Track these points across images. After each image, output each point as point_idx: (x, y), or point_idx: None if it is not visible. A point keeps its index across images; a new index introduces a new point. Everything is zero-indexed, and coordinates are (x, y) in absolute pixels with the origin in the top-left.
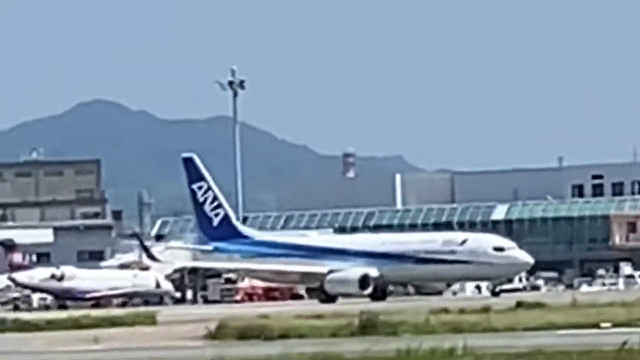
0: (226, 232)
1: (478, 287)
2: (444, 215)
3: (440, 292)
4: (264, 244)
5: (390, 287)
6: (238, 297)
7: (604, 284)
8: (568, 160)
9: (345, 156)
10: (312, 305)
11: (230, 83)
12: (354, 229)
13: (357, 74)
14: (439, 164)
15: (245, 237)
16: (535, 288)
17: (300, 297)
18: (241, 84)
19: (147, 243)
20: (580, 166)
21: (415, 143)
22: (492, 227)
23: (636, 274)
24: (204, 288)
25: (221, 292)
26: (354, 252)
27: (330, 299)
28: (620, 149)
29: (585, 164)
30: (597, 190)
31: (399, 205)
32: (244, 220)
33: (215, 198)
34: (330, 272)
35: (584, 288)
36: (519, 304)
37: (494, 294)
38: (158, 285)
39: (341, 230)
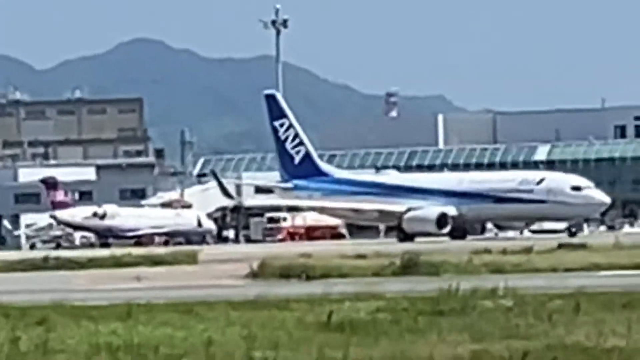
0: (307, 169)
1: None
2: (485, 156)
3: (521, 231)
4: (343, 182)
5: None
6: (280, 237)
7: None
8: (610, 101)
9: (387, 96)
10: (355, 245)
11: (274, 22)
12: (396, 169)
13: (400, 12)
14: (481, 104)
15: (326, 174)
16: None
17: (342, 236)
18: (284, 22)
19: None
20: (623, 107)
21: (457, 83)
22: (534, 167)
23: None
24: (247, 227)
25: (263, 231)
26: (432, 191)
27: (408, 237)
28: None
29: (628, 105)
30: None
31: (441, 145)
32: None
33: (296, 135)
34: (409, 210)
35: (627, 229)
36: (561, 245)
37: (571, 234)
38: (200, 224)
39: (378, 168)
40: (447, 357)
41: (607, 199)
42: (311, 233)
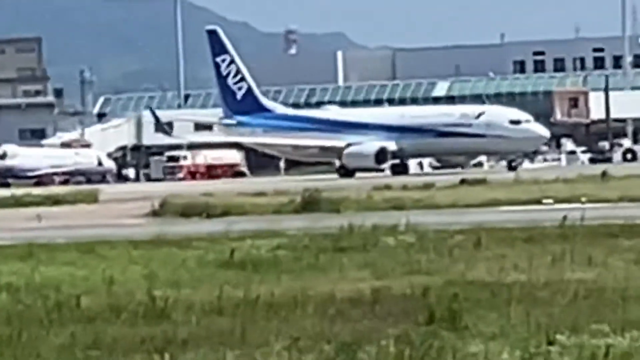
0: (249, 105)
1: (420, 164)
2: (385, 92)
3: (462, 166)
4: (285, 118)
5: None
6: (181, 175)
7: (545, 160)
8: (510, 37)
9: (286, 33)
10: (255, 184)
11: None
12: (295, 106)
13: None
14: (380, 41)
15: (268, 110)
16: (478, 165)
17: (243, 174)
18: None
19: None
20: (521, 42)
21: (356, 20)
22: (434, 103)
23: (578, 149)
24: (147, 166)
25: (164, 170)
26: (373, 126)
27: (348, 173)
28: (561, 26)
29: (526, 40)
30: (539, 67)
31: (340, 82)
32: (186, 98)
33: (238, 71)
34: (349, 145)
35: (526, 164)
36: (463, 181)
37: (511, 168)
38: (100, 164)
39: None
40: (349, 293)
41: (547, 132)
42: (212, 171)
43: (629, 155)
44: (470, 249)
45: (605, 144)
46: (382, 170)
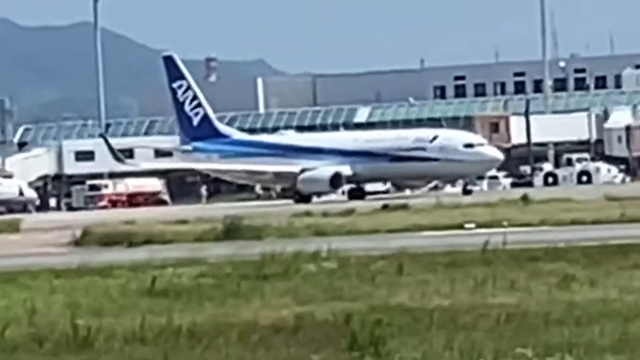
0: (206, 131)
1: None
2: (306, 119)
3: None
4: (241, 143)
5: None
6: (102, 204)
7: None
8: (430, 62)
9: (207, 61)
10: (176, 212)
11: None
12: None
13: None
14: (301, 68)
15: (225, 136)
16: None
17: (165, 202)
18: None
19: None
20: (442, 67)
21: (276, 47)
22: (355, 129)
23: (499, 174)
24: (69, 195)
25: (85, 199)
26: (328, 151)
27: (304, 198)
28: (482, 50)
29: (447, 66)
30: (460, 92)
31: (261, 109)
32: (107, 126)
33: (195, 97)
34: (303, 171)
35: (448, 189)
36: (385, 206)
37: (466, 192)
38: (21, 193)
39: None
40: (271, 320)
41: (500, 155)
42: (133, 200)
43: (550, 179)
44: (392, 275)
45: (526, 168)
46: (342, 195)
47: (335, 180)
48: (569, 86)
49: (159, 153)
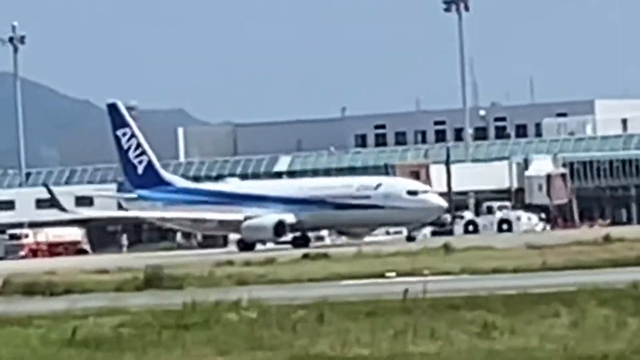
0: (150, 179)
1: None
2: (227, 168)
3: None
4: (185, 191)
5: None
6: (22, 253)
7: (388, 233)
8: (351, 111)
9: (127, 109)
10: (97, 261)
11: (11, 39)
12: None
13: (137, 26)
14: (221, 117)
15: (169, 184)
16: (319, 238)
17: (85, 252)
18: (22, 39)
19: None
20: (363, 116)
21: (197, 96)
22: (276, 178)
23: None
24: None
25: (5, 248)
26: (272, 198)
27: (248, 246)
28: (402, 99)
29: (367, 114)
30: (380, 140)
31: (181, 159)
32: (27, 176)
33: (139, 145)
34: (247, 218)
35: (369, 237)
36: (305, 255)
37: (410, 238)
38: None
39: (121, 183)
40: None
41: (444, 203)
42: (53, 249)
43: (470, 228)
44: (313, 324)
45: (447, 217)
46: (286, 243)
47: (279, 228)
48: (490, 135)
49: (80, 202)
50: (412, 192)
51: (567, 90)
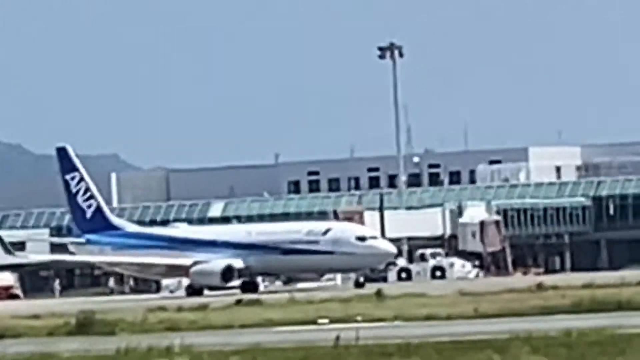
0: (99, 223)
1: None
2: (160, 213)
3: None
4: (134, 236)
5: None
6: None
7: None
8: (284, 157)
9: None
10: (29, 306)
11: None
12: (70, 229)
13: (68, 69)
14: (154, 162)
15: (118, 228)
16: (253, 284)
17: (17, 297)
18: None
19: None
20: (296, 162)
21: (130, 141)
22: (209, 224)
23: None
24: None
25: None
26: (220, 243)
27: (196, 291)
28: (336, 146)
29: (301, 160)
30: (314, 186)
31: (115, 204)
32: None
33: (87, 189)
34: (195, 264)
35: (302, 284)
36: (238, 301)
37: (358, 284)
38: None
39: (58, 229)
40: None
41: (393, 249)
42: None
43: (403, 274)
44: None
45: None
46: (234, 288)
47: (227, 274)
48: (424, 181)
49: (13, 247)
50: (361, 238)
51: (501, 137)
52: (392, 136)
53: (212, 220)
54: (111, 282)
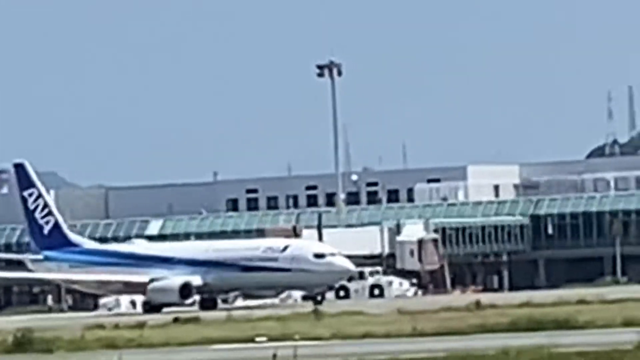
0: (56, 240)
1: (132, 302)
2: (98, 231)
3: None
4: (92, 253)
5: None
6: None
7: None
8: (223, 175)
9: None
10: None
11: None
12: (7, 246)
13: (5, 87)
14: (93, 180)
15: (75, 245)
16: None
17: None
18: None
19: None
20: (234, 180)
21: (68, 159)
22: (148, 241)
23: None
24: None
25: None
26: (178, 260)
27: (154, 308)
28: (274, 164)
29: (239, 179)
30: (252, 204)
31: None
32: None
33: (45, 205)
34: (153, 280)
35: (240, 302)
36: (176, 319)
37: (316, 301)
38: None
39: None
40: None
41: (351, 266)
42: None
43: (341, 293)
44: None
45: None
46: (191, 306)
47: (185, 290)
48: (362, 199)
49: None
50: (319, 255)
51: (440, 155)
52: (330, 154)
53: (151, 238)
54: (49, 300)
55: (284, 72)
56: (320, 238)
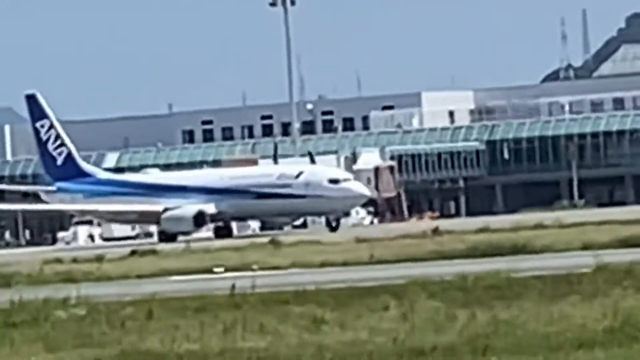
0: (70, 171)
1: (90, 236)
2: None
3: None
4: (105, 183)
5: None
6: None
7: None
8: (178, 107)
9: None
10: None
11: None
12: (23, 177)
13: None
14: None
15: (89, 175)
16: (148, 235)
17: None
18: None
19: None
20: (190, 112)
21: (23, 94)
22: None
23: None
24: None
25: None
26: (192, 189)
27: (169, 237)
28: (229, 95)
29: (195, 110)
30: (208, 136)
31: (9, 157)
32: None
33: (58, 136)
34: (167, 210)
35: (199, 234)
36: (133, 252)
37: (332, 228)
38: None
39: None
40: None
41: (367, 191)
42: None
43: (299, 222)
44: (142, 320)
45: None
46: (207, 234)
47: (199, 219)
48: (317, 129)
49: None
50: (333, 181)
51: (394, 83)
52: (285, 84)
53: (107, 171)
54: (7, 235)
55: (236, 2)
56: None
